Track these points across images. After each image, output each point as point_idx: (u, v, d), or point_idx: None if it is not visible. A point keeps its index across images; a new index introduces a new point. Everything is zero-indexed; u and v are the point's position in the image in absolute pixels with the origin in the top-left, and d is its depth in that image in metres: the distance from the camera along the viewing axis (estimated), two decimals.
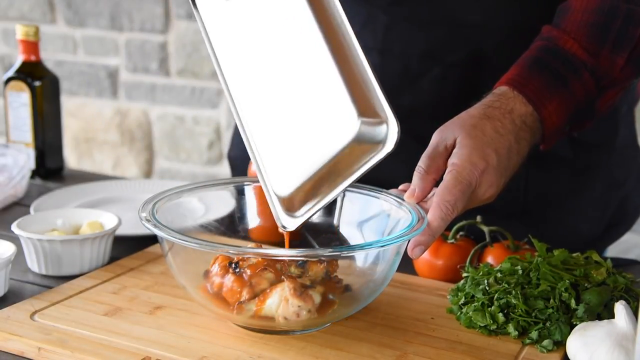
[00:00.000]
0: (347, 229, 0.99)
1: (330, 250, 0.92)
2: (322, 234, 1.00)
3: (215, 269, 0.86)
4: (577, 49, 0.98)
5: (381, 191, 0.96)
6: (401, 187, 0.95)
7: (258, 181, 0.91)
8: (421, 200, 0.90)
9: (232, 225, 1.01)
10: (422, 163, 0.91)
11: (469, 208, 0.91)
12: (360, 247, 0.88)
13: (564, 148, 1.19)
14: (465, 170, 0.88)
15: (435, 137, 0.92)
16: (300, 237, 1.03)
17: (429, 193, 0.90)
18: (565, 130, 1.01)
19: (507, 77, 0.98)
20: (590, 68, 0.98)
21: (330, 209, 1.01)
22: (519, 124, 0.94)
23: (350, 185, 0.98)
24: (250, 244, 0.97)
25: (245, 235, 1.01)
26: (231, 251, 0.85)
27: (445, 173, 0.89)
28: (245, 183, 1.02)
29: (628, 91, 1.21)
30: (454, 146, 0.91)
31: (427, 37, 1.17)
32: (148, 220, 0.85)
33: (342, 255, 0.88)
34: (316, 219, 1.01)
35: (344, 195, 1.00)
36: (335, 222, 1.00)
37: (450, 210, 0.87)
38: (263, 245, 0.95)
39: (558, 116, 0.97)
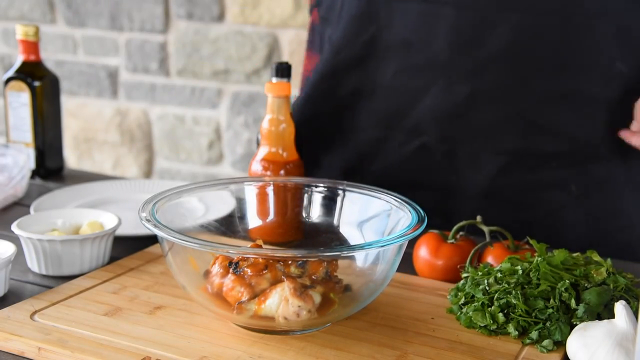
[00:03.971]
0: (347, 229, 0.99)
1: (330, 250, 0.93)
2: (322, 234, 1.00)
3: (216, 269, 0.86)
4: None
5: (381, 191, 0.96)
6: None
7: (258, 181, 0.92)
8: None
9: (232, 225, 1.01)
10: None
11: None
12: (360, 247, 0.88)
13: None
14: None
15: None
16: (301, 237, 1.03)
17: None
18: None
19: None
20: None
21: (330, 208, 1.01)
22: None
23: (351, 186, 0.99)
24: (250, 244, 0.97)
25: (245, 235, 1.01)
26: (231, 251, 0.85)
27: None
28: (245, 183, 1.02)
29: None
30: None
31: None
32: (148, 220, 0.85)
33: (342, 255, 0.89)
34: (316, 219, 1.02)
35: (344, 195, 1.00)
36: (335, 222, 1.00)
37: None
38: (263, 245, 0.95)
39: None
